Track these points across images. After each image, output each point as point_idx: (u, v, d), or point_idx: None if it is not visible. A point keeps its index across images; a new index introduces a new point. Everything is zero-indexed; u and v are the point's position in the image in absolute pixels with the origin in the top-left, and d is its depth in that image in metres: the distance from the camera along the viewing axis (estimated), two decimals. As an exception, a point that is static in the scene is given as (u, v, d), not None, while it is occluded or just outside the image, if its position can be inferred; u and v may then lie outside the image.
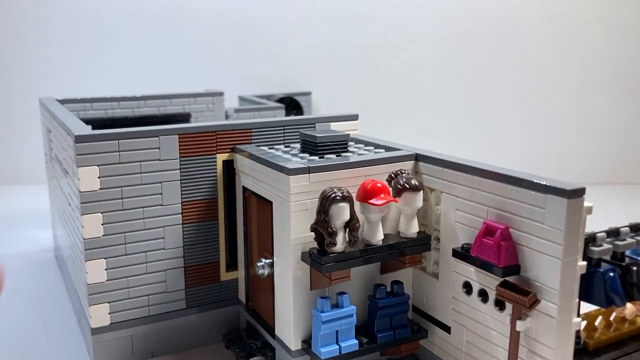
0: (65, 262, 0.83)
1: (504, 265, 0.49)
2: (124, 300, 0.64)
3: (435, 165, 0.59)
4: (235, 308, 0.71)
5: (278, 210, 0.58)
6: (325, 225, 0.52)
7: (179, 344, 0.68)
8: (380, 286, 0.58)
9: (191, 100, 1.05)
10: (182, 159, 0.64)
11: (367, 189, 0.54)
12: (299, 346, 0.58)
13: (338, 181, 0.56)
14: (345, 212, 0.52)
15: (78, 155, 0.59)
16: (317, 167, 0.56)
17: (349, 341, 0.56)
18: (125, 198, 0.62)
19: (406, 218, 0.57)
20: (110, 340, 0.64)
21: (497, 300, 0.52)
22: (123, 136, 0.60)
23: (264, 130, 0.68)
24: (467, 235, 0.55)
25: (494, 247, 0.49)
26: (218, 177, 0.67)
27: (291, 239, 0.55)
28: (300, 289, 0.57)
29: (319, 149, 0.62)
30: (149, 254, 0.64)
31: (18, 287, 0.87)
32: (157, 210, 0.64)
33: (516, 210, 0.49)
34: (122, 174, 0.61)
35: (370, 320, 0.58)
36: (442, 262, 0.59)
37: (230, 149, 0.67)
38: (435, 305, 0.61)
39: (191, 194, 0.65)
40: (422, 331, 0.61)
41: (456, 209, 0.56)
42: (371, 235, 0.55)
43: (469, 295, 0.56)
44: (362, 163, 0.58)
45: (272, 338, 0.62)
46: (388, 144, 0.67)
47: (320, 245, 0.54)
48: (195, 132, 0.64)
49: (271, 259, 0.60)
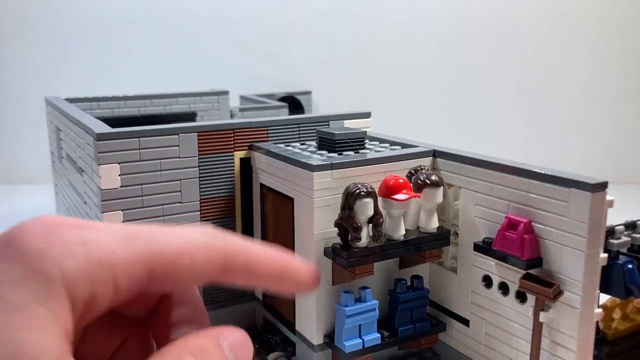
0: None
1: (527, 258, 0.50)
2: (143, 297, 0.64)
3: (454, 161, 0.60)
4: (251, 305, 0.71)
5: (300, 207, 0.58)
6: (350, 220, 0.53)
7: (196, 340, 0.68)
8: (401, 281, 0.59)
9: (197, 99, 1.05)
10: (200, 156, 0.64)
11: (389, 185, 0.55)
12: (321, 340, 0.58)
13: (359, 177, 0.57)
14: (369, 207, 0.53)
15: (99, 153, 0.59)
16: (339, 163, 0.56)
17: (371, 335, 0.57)
18: (145, 195, 0.62)
19: (426, 213, 0.58)
20: (129, 338, 0.64)
21: (518, 293, 0.53)
22: (144, 134, 0.61)
23: (280, 128, 0.69)
24: (487, 229, 0.56)
25: (517, 241, 0.50)
26: (235, 174, 0.67)
27: (314, 234, 0.56)
28: (322, 284, 0.57)
29: (337, 146, 0.63)
30: (168, 251, 0.64)
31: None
32: (176, 208, 0.64)
33: (539, 205, 0.51)
34: (143, 172, 0.61)
35: (391, 314, 0.59)
36: (460, 257, 0.60)
37: (247, 147, 0.67)
38: (453, 299, 0.62)
39: (209, 191, 0.66)
40: (441, 324, 0.62)
41: (476, 204, 0.57)
42: (393, 230, 0.56)
43: (488, 289, 0.57)
44: (382, 159, 0.59)
45: (292, 333, 0.63)
46: (403, 140, 0.68)
47: (343, 240, 0.55)
48: (214, 130, 0.65)
49: (291, 255, 0.61)
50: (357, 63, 1.48)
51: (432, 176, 0.57)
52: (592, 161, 1.44)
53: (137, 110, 0.99)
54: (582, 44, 1.42)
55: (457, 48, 1.47)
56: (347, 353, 0.55)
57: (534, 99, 1.46)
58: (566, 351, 0.49)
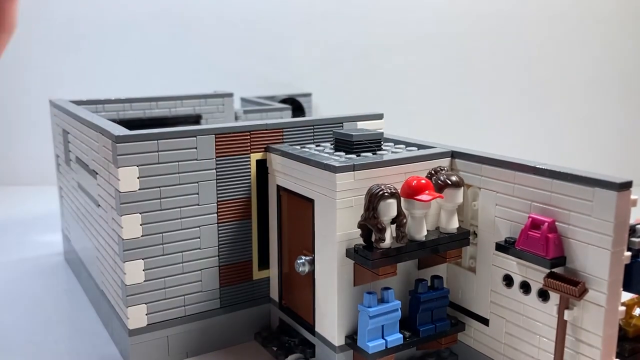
0: (86, 265, 0.82)
1: (551, 257, 0.51)
2: (160, 300, 0.64)
3: (473, 162, 0.60)
4: (266, 307, 0.71)
5: (321, 208, 0.58)
6: (375, 221, 0.53)
7: (212, 343, 0.68)
8: (422, 281, 0.60)
9: (202, 101, 1.05)
10: (217, 158, 0.64)
11: (412, 186, 0.55)
12: (342, 342, 0.59)
13: (380, 178, 0.57)
14: (393, 208, 0.53)
15: (119, 156, 0.58)
16: (361, 164, 0.57)
17: (394, 335, 0.57)
18: (163, 198, 0.62)
19: (447, 214, 0.58)
20: (147, 342, 0.64)
21: (540, 291, 0.54)
22: (162, 136, 0.60)
23: (295, 130, 0.69)
24: (509, 229, 0.56)
25: (541, 240, 0.51)
26: (252, 176, 0.67)
27: (337, 235, 0.56)
28: (344, 285, 0.57)
29: (354, 147, 0.63)
30: (185, 253, 0.64)
31: (33, 291, 0.86)
32: (193, 210, 0.64)
33: (562, 204, 0.51)
34: (161, 174, 0.61)
35: (412, 315, 0.60)
36: (479, 256, 0.60)
37: (263, 149, 0.67)
38: (471, 298, 0.62)
39: (226, 193, 0.65)
40: (460, 324, 0.62)
41: (496, 204, 0.58)
42: (416, 230, 0.56)
43: (509, 288, 0.57)
44: (402, 160, 0.59)
45: (312, 335, 0.63)
46: (417, 141, 0.68)
47: (366, 241, 0.55)
48: (231, 132, 0.65)
49: (311, 256, 0.61)
50: (357, 65, 1.49)
51: (453, 177, 0.57)
52: (594, 161, 1.45)
53: (143, 112, 0.99)
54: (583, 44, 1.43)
55: (458, 49, 1.48)
56: (370, 354, 0.55)
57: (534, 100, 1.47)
58: (590, 348, 0.50)
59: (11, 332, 0.73)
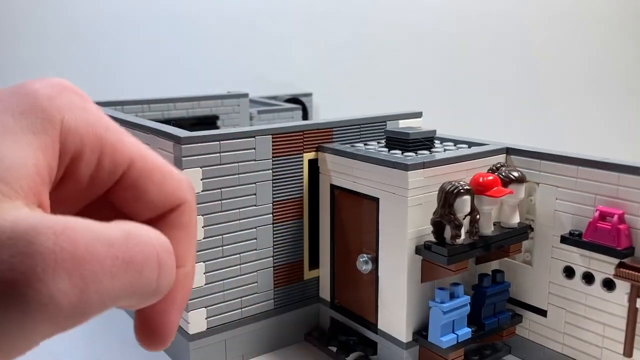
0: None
1: (623, 248, 0.53)
2: (219, 304, 0.63)
3: (530, 157, 0.62)
4: (315, 306, 0.71)
5: (387, 206, 0.59)
6: (451, 218, 0.54)
7: (266, 345, 0.68)
8: (486, 275, 0.61)
9: (218, 102, 1.04)
10: (274, 159, 0.64)
11: (481, 182, 0.56)
12: (410, 338, 0.59)
13: (446, 176, 0.58)
14: (467, 204, 0.54)
15: (183, 157, 0.57)
16: (430, 162, 0.57)
17: (463, 329, 0.58)
18: (224, 200, 0.61)
19: (509, 209, 0.60)
20: (206, 346, 0.63)
21: (605, 281, 0.56)
22: (224, 137, 0.60)
23: (344, 129, 0.69)
24: (571, 222, 0.58)
25: (612, 231, 0.53)
26: (304, 176, 0.67)
27: (407, 233, 0.57)
28: (412, 282, 0.58)
29: (410, 145, 0.64)
30: (243, 255, 0.64)
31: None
32: (251, 211, 0.63)
33: (630, 197, 0.53)
34: (222, 176, 0.60)
35: (476, 309, 0.61)
36: (537, 250, 0.62)
37: (314, 149, 0.67)
38: (528, 291, 0.64)
39: (281, 193, 0.65)
40: (517, 317, 0.64)
41: (556, 198, 0.59)
42: (484, 226, 0.57)
43: (570, 279, 0.59)
44: (464, 157, 0.60)
45: (374, 333, 0.63)
46: (465, 139, 0.70)
47: (437, 238, 0.56)
48: (286, 132, 0.64)
49: (373, 255, 0.61)
50: (357, 65, 1.50)
51: (515, 172, 0.59)
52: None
53: (161, 114, 0.97)
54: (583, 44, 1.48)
55: (458, 49, 1.51)
56: (444, 349, 0.56)
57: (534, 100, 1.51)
58: (660, 334, 0.52)
59: (65, 346, 0.71)
